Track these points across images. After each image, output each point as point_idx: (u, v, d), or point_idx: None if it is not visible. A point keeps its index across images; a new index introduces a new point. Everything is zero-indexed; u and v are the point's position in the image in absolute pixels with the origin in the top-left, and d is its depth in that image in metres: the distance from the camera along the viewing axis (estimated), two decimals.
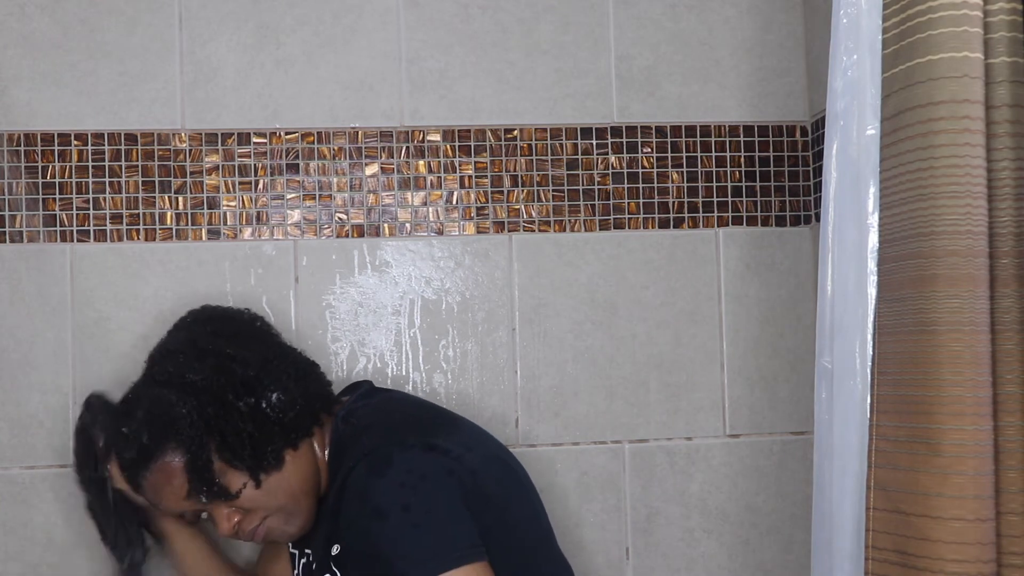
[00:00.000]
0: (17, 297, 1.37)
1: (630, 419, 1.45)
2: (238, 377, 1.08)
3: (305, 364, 1.18)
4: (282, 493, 1.09)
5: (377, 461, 1.03)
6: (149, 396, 1.08)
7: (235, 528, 1.09)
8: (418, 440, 1.05)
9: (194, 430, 1.05)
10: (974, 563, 0.94)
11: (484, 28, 1.45)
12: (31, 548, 1.36)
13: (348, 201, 1.42)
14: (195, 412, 1.05)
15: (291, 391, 1.11)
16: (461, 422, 1.16)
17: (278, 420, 1.09)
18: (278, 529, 1.12)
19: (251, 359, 1.10)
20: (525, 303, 1.44)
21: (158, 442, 1.05)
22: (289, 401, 1.10)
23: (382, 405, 1.18)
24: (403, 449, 1.04)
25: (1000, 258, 0.98)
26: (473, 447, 1.09)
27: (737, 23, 1.48)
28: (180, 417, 1.05)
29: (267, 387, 1.10)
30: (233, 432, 1.06)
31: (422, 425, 1.11)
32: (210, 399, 1.06)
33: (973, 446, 0.94)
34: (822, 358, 1.16)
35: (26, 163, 1.38)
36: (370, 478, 1.02)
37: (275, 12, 1.42)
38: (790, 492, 1.47)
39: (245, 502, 1.08)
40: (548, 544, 1.18)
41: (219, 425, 1.06)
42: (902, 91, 1.00)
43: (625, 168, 1.46)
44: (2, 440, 1.36)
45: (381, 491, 1.01)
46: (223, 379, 1.07)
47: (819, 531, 1.16)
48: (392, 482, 1.01)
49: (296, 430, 1.10)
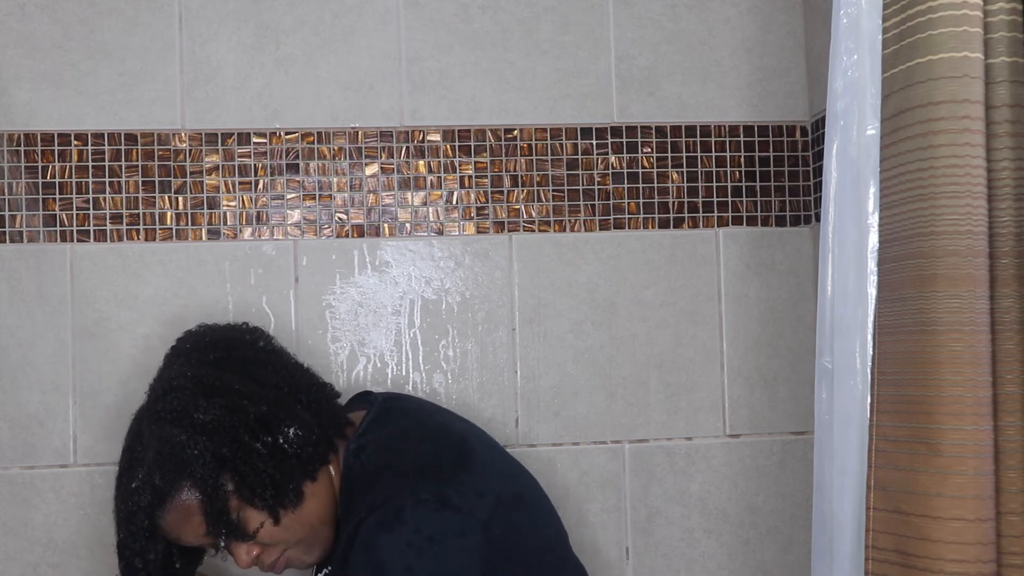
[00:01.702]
0: (17, 297, 1.37)
1: (630, 419, 1.45)
2: (252, 416, 1.05)
3: (315, 387, 1.15)
4: (301, 527, 1.07)
5: (387, 516, 1.01)
6: (158, 436, 1.05)
7: (254, 561, 1.08)
8: (431, 495, 1.02)
9: (207, 471, 1.02)
10: (974, 563, 0.94)
11: (484, 28, 1.45)
12: (31, 548, 1.36)
13: (348, 201, 1.42)
14: (208, 453, 1.02)
15: (307, 423, 1.08)
16: (475, 456, 1.12)
17: (297, 455, 1.06)
18: (297, 559, 1.10)
19: (263, 395, 1.07)
20: (525, 303, 1.44)
21: (171, 482, 1.02)
22: (307, 435, 1.07)
23: (393, 440, 1.12)
24: (415, 505, 1.01)
25: (1000, 258, 0.98)
26: (485, 492, 1.06)
27: (737, 23, 1.48)
28: (192, 459, 1.02)
29: (283, 421, 1.06)
30: (253, 473, 1.03)
31: (435, 472, 1.07)
32: (224, 439, 1.03)
33: (973, 446, 0.94)
34: (822, 358, 1.16)
35: (26, 163, 1.38)
36: (379, 532, 1.00)
37: (275, 12, 1.42)
38: (790, 492, 1.47)
39: (264, 538, 1.06)
40: (563, 557, 1.17)
41: (236, 466, 1.03)
42: (902, 91, 1.00)
43: (625, 168, 1.46)
44: (2, 440, 1.36)
45: (387, 548, 1.00)
46: (236, 419, 1.04)
47: (819, 531, 1.16)
48: (400, 540, 0.99)
49: (314, 462, 1.08)
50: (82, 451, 1.36)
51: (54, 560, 1.36)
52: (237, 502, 1.04)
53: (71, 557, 1.36)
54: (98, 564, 1.35)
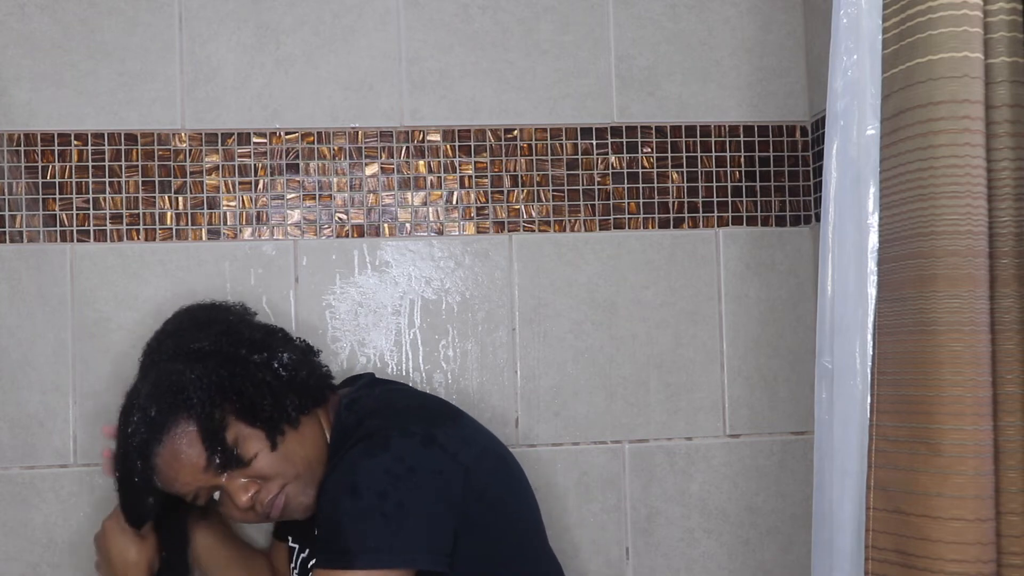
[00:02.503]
0: (17, 297, 1.37)
1: (630, 419, 1.45)
2: (246, 337, 1.09)
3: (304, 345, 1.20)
4: (298, 459, 1.08)
5: (374, 443, 1.03)
6: (155, 374, 1.07)
7: (252, 500, 1.07)
8: (420, 429, 1.06)
9: (205, 394, 1.04)
10: (974, 563, 0.94)
11: (484, 28, 1.45)
12: (31, 548, 1.36)
13: (348, 201, 1.42)
14: (204, 376, 1.04)
15: (298, 355, 1.13)
16: (464, 416, 1.17)
17: (291, 379, 1.09)
18: (295, 498, 1.09)
19: (256, 325, 1.13)
20: (525, 303, 1.44)
21: (167, 413, 1.04)
22: (300, 361, 1.11)
23: (387, 395, 1.18)
24: (403, 436, 1.04)
25: (1000, 258, 0.98)
26: (471, 442, 1.10)
27: (737, 23, 1.48)
28: (189, 383, 1.04)
29: (276, 348, 1.11)
30: (252, 385, 1.05)
31: (426, 414, 1.12)
32: (221, 360, 1.06)
33: (973, 446, 0.94)
34: (822, 358, 1.16)
35: (26, 163, 1.38)
36: (362, 456, 1.03)
37: (275, 12, 1.42)
38: (790, 492, 1.47)
39: (263, 467, 1.06)
40: (540, 540, 1.19)
41: (234, 383, 1.05)
42: (902, 91, 1.01)
43: (625, 168, 1.46)
44: (2, 440, 1.36)
45: (365, 471, 1.02)
46: (232, 339, 1.08)
47: (819, 531, 1.16)
48: (379, 466, 1.01)
49: (308, 394, 1.11)
50: (82, 451, 1.36)
51: (54, 560, 1.36)
52: (235, 427, 1.05)
53: (71, 557, 1.36)
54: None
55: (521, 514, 1.16)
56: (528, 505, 1.18)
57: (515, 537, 1.13)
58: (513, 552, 1.12)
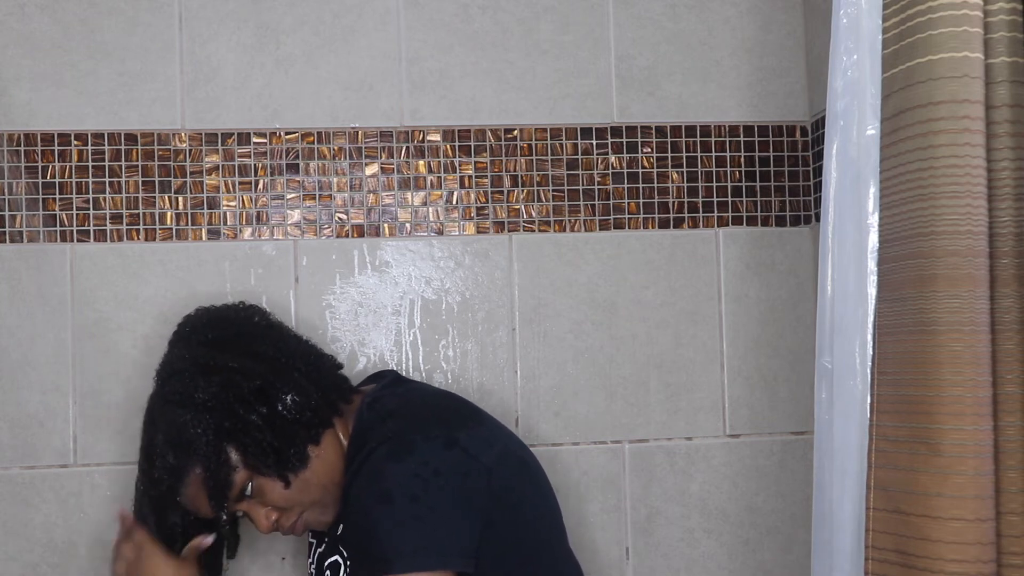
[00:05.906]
0: (17, 297, 1.37)
1: (630, 419, 1.45)
2: (246, 390, 1.09)
3: (314, 356, 1.19)
4: (313, 488, 1.10)
5: (398, 446, 1.05)
6: (166, 419, 1.10)
7: (274, 525, 1.11)
8: (442, 432, 1.07)
9: (211, 448, 1.06)
10: (974, 563, 0.94)
11: (484, 28, 1.45)
12: (31, 548, 1.36)
13: (348, 201, 1.42)
14: (210, 431, 1.06)
15: (305, 388, 1.12)
16: (485, 416, 1.18)
17: (296, 420, 1.10)
18: (315, 520, 1.14)
19: (256, 368, 1.11)
20: (525, 303, 1.44)
21: (182, 460, 1.07)
22: (304, 400, 1.11)
23: (409, 394, 1.19)
24: (426, 440, 1.05)
25: (1000, 258, 0.98)
26: (493, 443, 1.10)
27: (737, 23, 1.48)
28: (196, 437, 1.06)
29: (279, 390, 1.10)
30: (253, 443, 1.07)
31: (448, 416, 1.13)
32: (224, 414, 1.07)
33: (973, 446, 0.94)
34: (822, 358, 1.16)
35: (26, 163, 1.38)
36: (387, 461, 1.04)
37: (275, 12, 1.42)
38: (790, 492, 1.47)
39: (279, 501, 1.10)
40: (559, 543, 1.19)
41: (238, 437, 1.07)
42: (902, 91, 1.00)
43: (625, 168, 1.46)
44: (2, 440, 1.36)
45: (394, 476, 1.03)
46: (232, 394, 1.08)
47: (819, 531, 1.16)
48: (407, 470, 1.03)
49: (315, 426, 1.11)
50: (82, 451, 1.36)
51: (54, 560, 1.36)
52: (246, 472, 1.08)
53: (71, 557, 1.36)
54: (98, 564, 1.34)
55: (541, 514, 1.16)
56: (548, 505, 1.18)
57: (535, 538, 1.13)
58: (533, 553, 1.12)
